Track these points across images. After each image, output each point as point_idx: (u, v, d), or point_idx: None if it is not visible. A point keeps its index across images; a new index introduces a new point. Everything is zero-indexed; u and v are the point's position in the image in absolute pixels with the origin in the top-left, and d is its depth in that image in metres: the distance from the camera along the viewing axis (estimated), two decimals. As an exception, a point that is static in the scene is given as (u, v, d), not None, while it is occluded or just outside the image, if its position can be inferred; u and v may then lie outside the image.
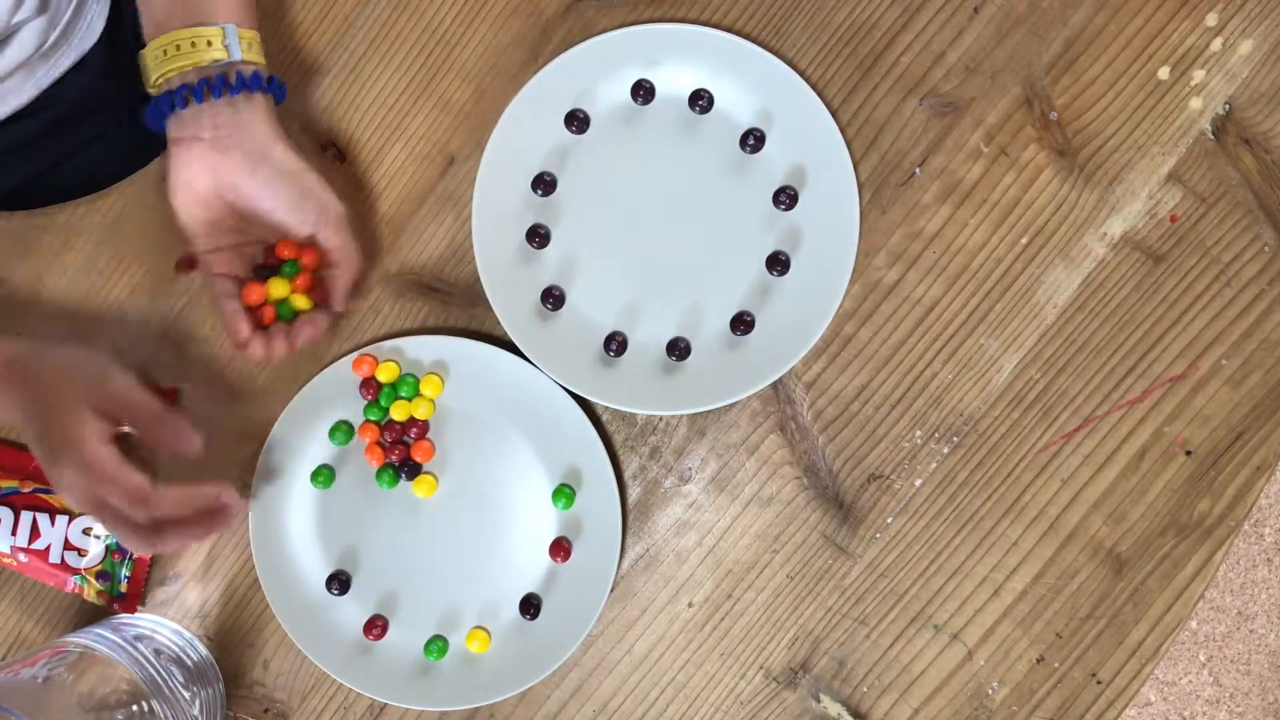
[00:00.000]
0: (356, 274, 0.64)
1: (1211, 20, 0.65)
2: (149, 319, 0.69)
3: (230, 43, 0.60)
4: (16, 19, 0.67)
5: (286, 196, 0.61)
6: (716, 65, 0.66)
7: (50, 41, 0.72)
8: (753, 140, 0.65)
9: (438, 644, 0.66)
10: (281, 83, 0.63)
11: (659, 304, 0.66)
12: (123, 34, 0.80)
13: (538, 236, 0.66)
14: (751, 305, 0.66)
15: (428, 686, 0.66)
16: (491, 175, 0.66)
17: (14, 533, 0.66)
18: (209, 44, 0.60)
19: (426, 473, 0.66)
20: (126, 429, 0.58)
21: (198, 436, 0.58)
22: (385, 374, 0.65)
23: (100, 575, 0.67)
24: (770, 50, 0.65)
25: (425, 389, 0.66)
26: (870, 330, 0.66)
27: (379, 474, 0.66)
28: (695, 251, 0.66)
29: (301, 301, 0.63)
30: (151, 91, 0.62)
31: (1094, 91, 0.65)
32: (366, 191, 0.68)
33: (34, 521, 0.67)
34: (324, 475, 0.67)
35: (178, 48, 0.60)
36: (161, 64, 0.60)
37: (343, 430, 0.66)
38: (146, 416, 0.58)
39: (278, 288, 0.63)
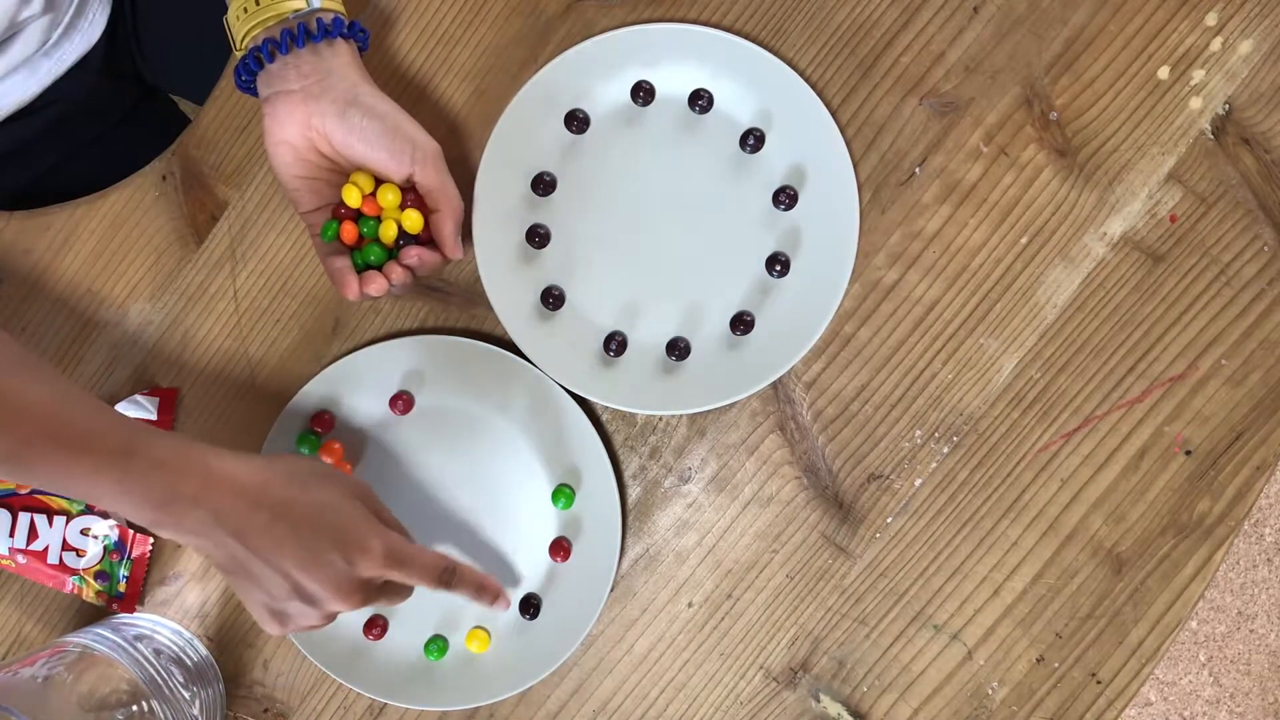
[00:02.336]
0: (459, 214, 0.62)
1: (1211, 20, 0.65)
2: (149, 319, 0.69)
3: None
4: (22, 16, 0.67)
5: (378, 138, 0.60)
6: (716, 65, 0.66)
7: (53, 40, 0.72)
8: (752, 140, 0.65)
9: (438, 644, 0.66)
10: (364, 29, 0.62)
11: (659, 304, 0.66)
12: (124, 33, 0.80)
13: (537, 236, 0.66)
14: (751, 305, 0.66)
15: (427, 686, 0.66)
16: (491, 175, 0.66)
17: (12, 534, 0.66)
18: None
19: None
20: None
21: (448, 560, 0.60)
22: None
23: (99, 575, 0.67)
24: (770, 50, 0.65)
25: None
26: (870, 330, 0.66)
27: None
28: (695, 251, 0.66)
29: (413, 220, 0.61)
30: (239, 54, 0.61)
31: (1094, 91, 0.65)
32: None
33: (31, 523, 0.67)
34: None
35: (256, 3, 0.59)
36: (244, 21, 0.60)
37: (310, 440, 0.66)
38: (396, 528, 0.59)
39: (388, 194, 0.61)
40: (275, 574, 0.53)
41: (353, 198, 0.61)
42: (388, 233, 0.61)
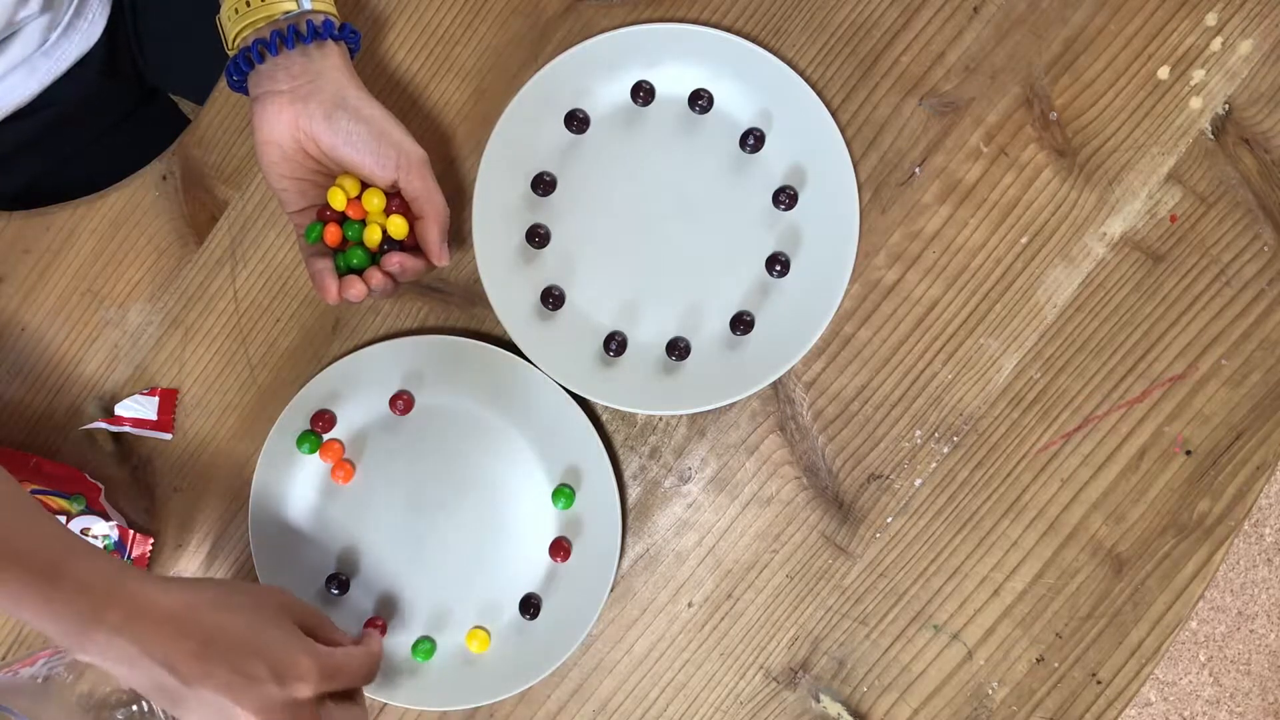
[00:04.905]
0: (444, 221, 0.61)
1: (1211, 20, 0.65)
2: (149, 319, 0.69)
3: None
4: (20, 16, 0.67)
5: (364, 143, 0.60)
6: (716, 65, 0.66)
7: (52, 39, 0.72)
8: (752, 140, 0.65)
9: (425, 645, 0.65)
10: (355, 31, 0.62)
11: (659, 304, 0.66)
12: (124, 33, 0.80)
13: (537, 236, 0.66)
14: (751, 305, 0.66)
15: (428, 686, 0.66)
16: (491, 175, 0.66)
17: (13, 533, 0.66)
18: None
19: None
20: None
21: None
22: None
23: (100, 575, 0.67)
24: (770, 50, 0.65)
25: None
26: (870, 330, 0.66)
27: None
28: (695, 251, 0.66)
29: (397, 225, 0.61)
30: (231, 54, 0.61)
31: (1094, 91, 0.65)
32: (366, 191, 0.68)
33: (33, 522, 0.66)
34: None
35: (248, 3, 0.59)
36: (236, 22, 0.60)
37: (310, 440, 0.66)
38: (325, 625, 0.57)
39: (373, 198, 0.61)
40: (206, 705, 0.51)
41: (337, 200, 0.61)
42: (371, 237, 0.61)
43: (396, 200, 0.62)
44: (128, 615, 0.50)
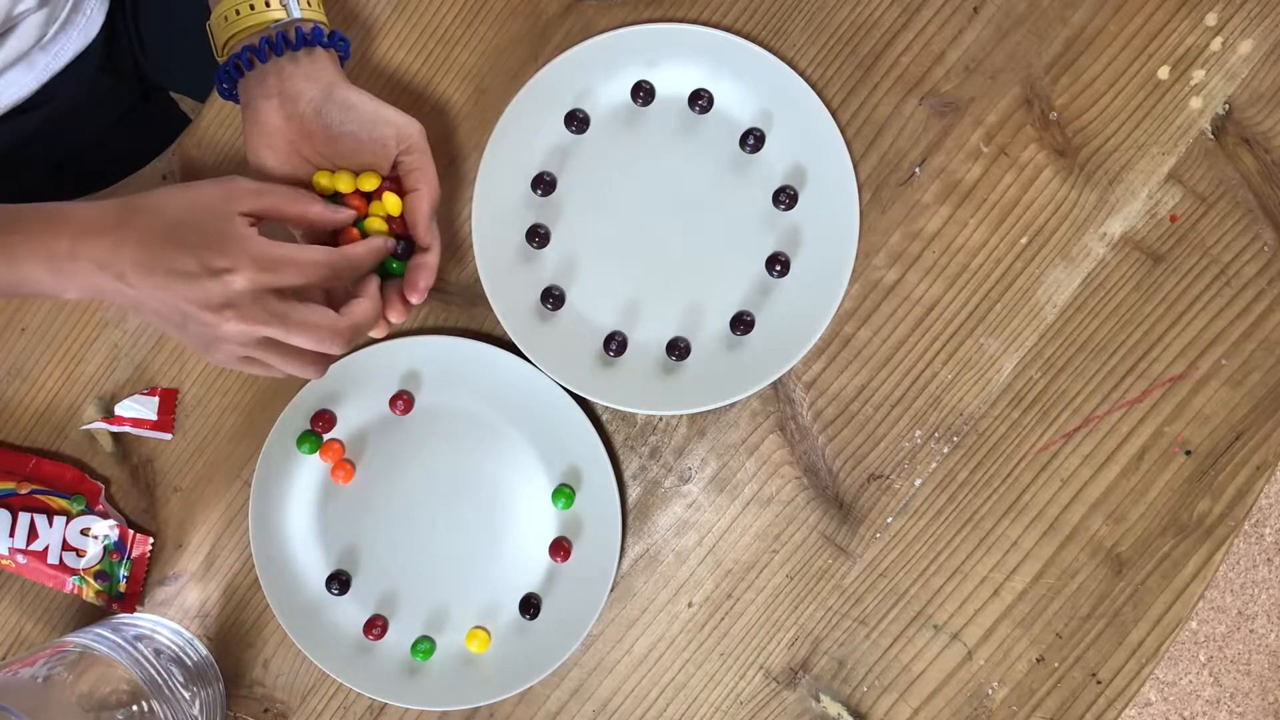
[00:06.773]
0: (436, 194, 0.61)
1: (1211, 20, 0.65)
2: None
3: (289, 1, 0.60)
4: (17, 10, 0.67)
5: (360, 128, 0.59)
6: (716, 65, 0.66)
7: (50, 34, 0.72)
8: (752, 140, 0.65)
9: (425, 644, 0.65)
10: (345, 38, 0.62)
11: (659, 304, 0.66)
12: (123, 29, 0.80)
13: (537, 236, 0.66)
14: (751, 305, 0.66)
15: (427, 686, 0.66)
16: (491, 175, 0.66)
17: (12, 534, 0.66)
18: (268, 4, 0.59)
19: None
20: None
21: (342, 209, 0.59)
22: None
23: (99, 575, 0.67)
24: (770, 50, 0.65)
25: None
26: (870, 330, 0.66)
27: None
28: (695, 251, 0.66)
29: (380, 220, 0.61)
30: (220, 61, 0.62)
31: (1094, 91, 0.65)
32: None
33: (31, 523, 0.67)
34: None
35: (238, 12, 0.60)
36: (225, 30, 0.60)
37: (311, 440, 0.66)
38: (287, 200, 0.57)
39: (367, 181, 0.61)
40: (162, 305, 0.53)
41: (324, 182, 0.61)
42: (392, 206, 0.61)
43: (387, 182, 0.62)
44: (74, 238, 0.53)
